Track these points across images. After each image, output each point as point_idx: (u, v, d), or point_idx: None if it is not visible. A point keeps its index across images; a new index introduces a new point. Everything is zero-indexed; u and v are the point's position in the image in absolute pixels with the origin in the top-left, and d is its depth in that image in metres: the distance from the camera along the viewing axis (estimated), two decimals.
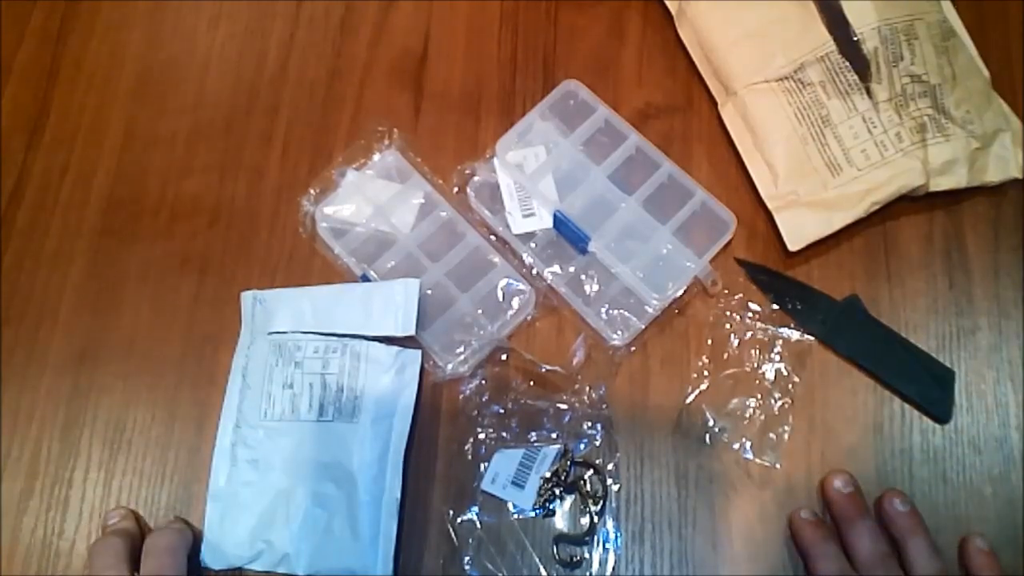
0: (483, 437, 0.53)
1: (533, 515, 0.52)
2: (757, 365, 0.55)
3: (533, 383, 0.55)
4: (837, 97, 0.57)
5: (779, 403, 0.54)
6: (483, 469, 0.53)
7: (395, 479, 0.52)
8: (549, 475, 0.52)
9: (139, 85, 0.65)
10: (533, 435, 0.53)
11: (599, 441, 0.53)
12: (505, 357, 0.55)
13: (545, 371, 0.54)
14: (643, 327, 0.55)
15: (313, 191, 0.59)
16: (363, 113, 0.63)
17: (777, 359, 0.55)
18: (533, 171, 0.59)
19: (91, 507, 0.54)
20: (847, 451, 0.53)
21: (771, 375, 0.54)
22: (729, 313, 0.56)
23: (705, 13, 0.60)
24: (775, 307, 0.56)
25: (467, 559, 0.51)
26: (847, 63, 0.57)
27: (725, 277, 0.57)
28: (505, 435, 0.53)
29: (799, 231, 0.57)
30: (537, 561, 0.51)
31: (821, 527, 0.50)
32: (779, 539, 0.52)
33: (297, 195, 0.59)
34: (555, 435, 0.53)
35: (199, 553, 0.51)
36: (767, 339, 0.55)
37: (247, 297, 0.57)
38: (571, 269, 0.57)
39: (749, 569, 0.51)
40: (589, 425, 0.54)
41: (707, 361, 0.55)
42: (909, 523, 0.50)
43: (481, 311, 0.56)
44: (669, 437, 0.54)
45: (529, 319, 0.56)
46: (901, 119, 0.56)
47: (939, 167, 0.56)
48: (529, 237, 0.58)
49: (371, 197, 0.59)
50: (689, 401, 0.54)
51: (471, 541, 0.51)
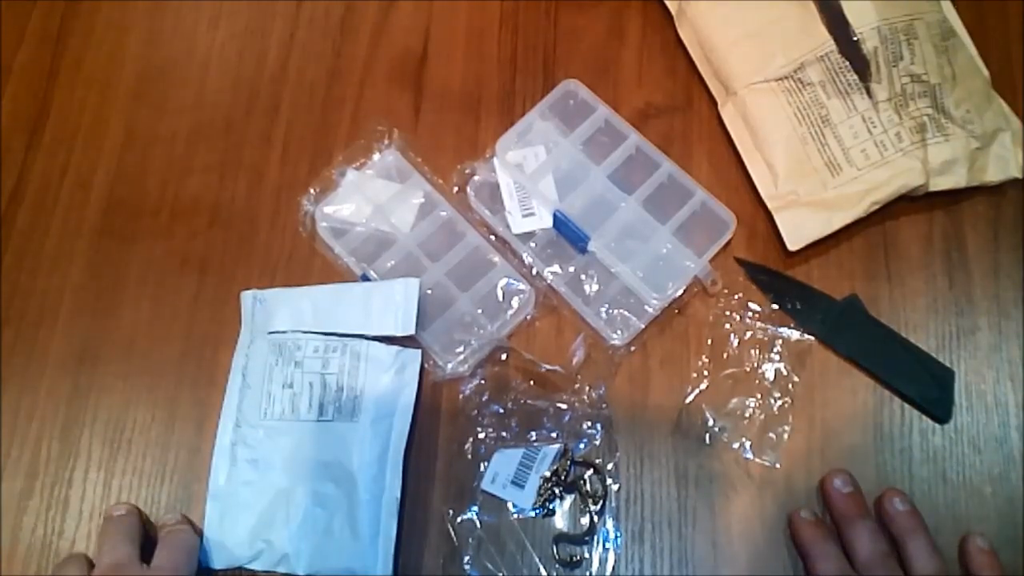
0: (483, 437, 0.53)
1: (533, 515, 0.52)
2: (757, 365, 0.55)
3: (533, 383, 0.55)
4: (837, 97, 0.57)
5: (779, 403, 0.54)
6: (483, 469, 0.53)
7: (395, 478, 0.52)
8: (549, 475, 0.52)
9: (139, 85, 0.65)
10: (533, 435, 0.53)
11: (599, 441, 0.53)
12: (505, 357, 0.55)
13: (545, 371, 0.54)
14: (643, 327, 0.55)
15: (313, 191, 0.59)
16: (363, 113, 0.63)
17: (777, 359, 0.55)
18: (533, 171, 0.59)
19: (91, 507, 0.54)
20: (847, 451, 0.53)
21: (771, 375, 0.54)
22: (729, 313, 0.56)
23: (705, 13, 0.60)
24: (775, 307, 0.56)
25: (467, 559, 0.51)
26: (847, 63, 0.57)
27: (725, 277, 0.57)
28: (505, 435, 0.53)
29: (799, 231, 0.57)
30: (537, 561, 0.51)
31: (821, 527, 0.50)
32: (779, 539, 0.52)
33: (297, 195, 0.59)
34: (555, 435, 0.53)
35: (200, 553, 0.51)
36: (767, 339, 0.55)
37: (247, 297, 0.57)
38: (571, 269, 0.57)
39: (749, 569, 0.51)
40: (589, 425, 0.54)
41: (707, 361, 0.55)
42: (909, 522, 0.50)
43: (481, 311, 0.56)
44: (669, 437, 0.54)
45: (529, 319, 0.56)
46: (901, 119, 0.56)
47: (939, 167, 0.56)
48: (529, 237, 0.58)
49: (371, 197, 0.59)
50: (689, 401, 0.54)
51: (471, 541, 0.51)
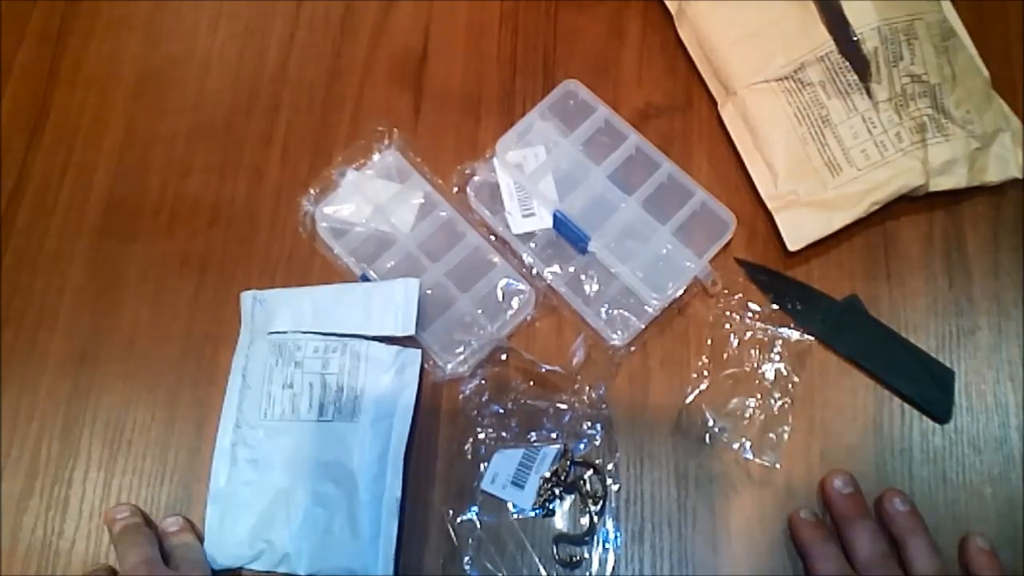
0: (483, 437, 0.53)
1: (533, 515, 0.52)
2: (757, 365, 0.55)
3: (533, 383, 0.55)
4: (837, 97, 0.57)
5: (779, 403, 0.54)
6: (483, 469, 0.53)
7: (395, 478, 0.52)
8: (549, 475, 0.52)
9: (139, 85, 0.65)
10: (533, 435, 0.53)
11: (599, 441, 0.53)
12: (505, 357, 0.55)
13: (545, 371, 0.54)
14: (643, 327, 0.55)
15: (313, 191, 0.59)
16: (363, 113, 0.63)
17: (777, 359, 0.55)
18: (533, 171, 0.59)
19: (91, 507, 0.54)
20: (847, 451, 0.53)
21: (771, 375, 0.54)
22: (729, 313, 0.56)
23: (705, 13, 0.60)
24: (775, 307, 0.56)
25: (467, 559, 0.51)
26: (847, 63, 0.57)
27: (725, 277, 0.57)
28: (505, 435, 0.53)
29: (799, 231, 0.57)
30: (537, 561, 0.51)
31: (821, 527, 0.50)
32: (779, 539, 0.52)
33: (297, 195, 0.59)
34: (555, 435, 0.53)
35: None
36: (767, 339, 0.55)
37: (247, 297, 0.57)
38: (571, 269, 0.57)
39: (749, 569, 0.51)
40: (589, 425, 0.54)
41: (707, 361, 0.55)
42: (909, 523, 0.50)
43: (481, 311, 0.56)
44: (669, 437, 0.54)
45: (529, 319, 0.56)
46: (901, 119, 0.56)
47: (939, 167, 0.56)
48: (529, 237, 0.58)
49: (371, 197, 0.59)
50: (689, 401, 0.54)
51: (471, 541, 0.51)
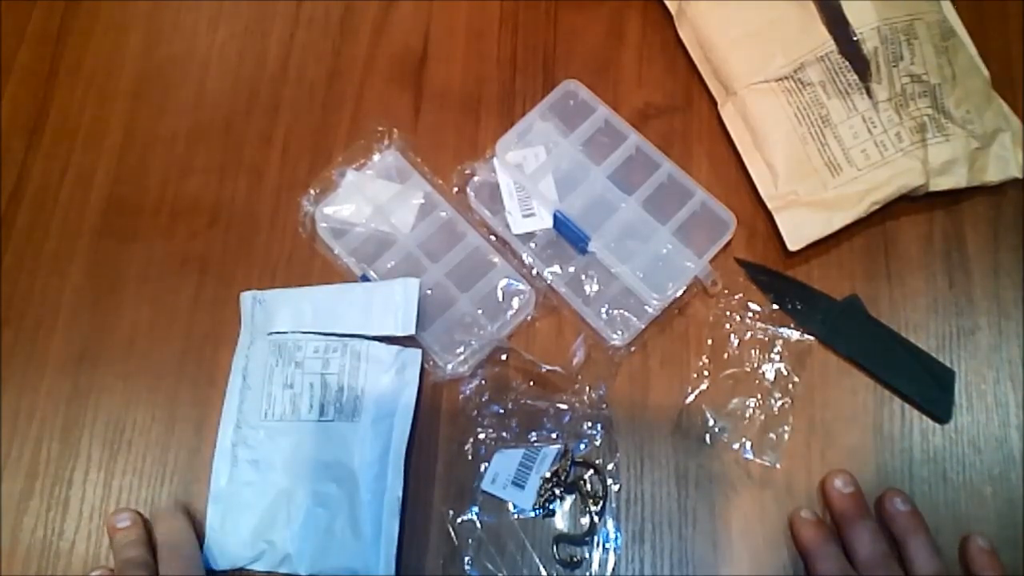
0: (483, 437, 0.53)
1: (533, 515, 0.52)
2: (757, 365, 0.55)
3: (533, 383, 0.55)
4: (837, 97, 0.57)
5: (779, 403, 0.54)
6: (483, 469, 0.53)
7: (396, 478, 0.52)
8: (549, 475, 0.52)
9: (139, 85, 0.65)
10: (533, 435, 0.53)
11: (599, 441, 0.53)
12: (505, 357, 0.55)
13: (545, 371, 0.54)
14: (643, 327, 0.55)
15: (313, 191, 0.59)
16: (363, 113, 0.63)
17: (777, 359, 0.55)
18: (533, 171, 0.59)
19: (91, 507, 0.54)
20: (847, 451, 0.53)
21: (771, 375, 0.54)
22: (729, 313, 0.56)
23: (705, 13, 0.60)
24: (775, 307, 0.56)
25: (467, 559, 0.51)
26: (847, 63, 0.57)
27: (725, 277, 0.57)
28: (505, 435, 0.53)
29: (799, 231, 0.57)
30: (537, 561, 0.51)
31: (821, 527, 0.50)
32: (779, 539, 0.52)
33: (297, 195, 0.59)
34: (555, 435, 0.53)
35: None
36: (767, 339, 0.55)
37: (247, 298, 0.57)
38: (571, 269, 0.57)
39: (749, 569, 0.51)
40: (589, 425, 0.54)
41: (707, 361, 0.55)
42: (910, 522, 0.50)
43: (481, 311, 0.56)
44: (669, 437, 0.54)
45: (529, 319, 0.56)
46: (901, 119, 0.56)
47: (939, 167, 0.56)
48: (529, 237, 0.58)
49: (371, 197, 0.59)
50: (689, 401, 0.54)
51: (471, 541, 0.51)
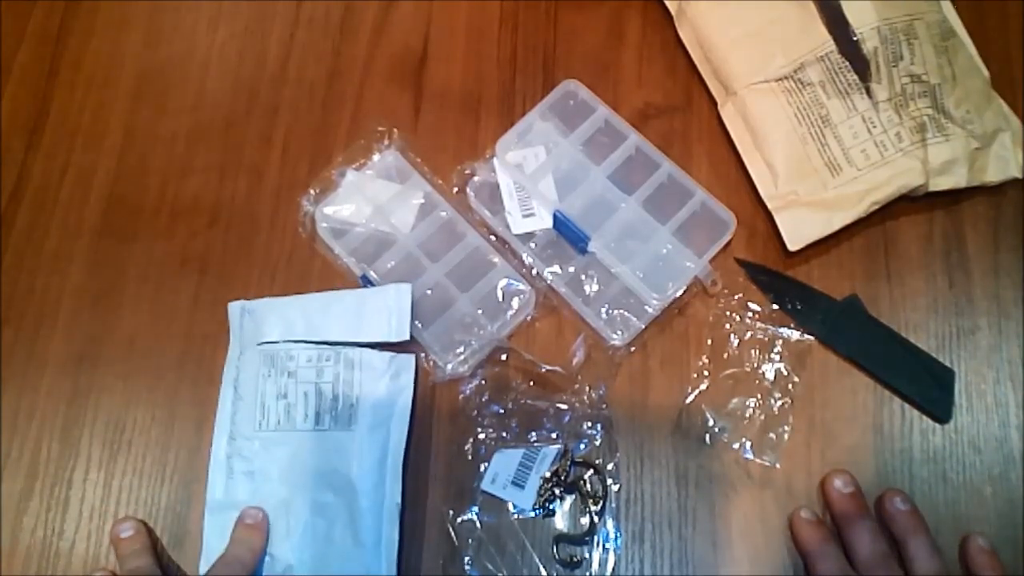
0: (483, 437, 0.53)
1: (533, 515, 0.52)
2: (757, 365, 0.55)
3: (533, 383, 0.55)
4: (837, 97, 0.57)
5: (779, 403, 0.54)
6: (483, 469, 0.53)
7: (395, 485, 0.51)
8: (549, 475, 0.52)
9: (139, 85, 0.65)
10: (533, 435, 0.53)
11: (599, 441, 0.53)
12: (505, 357, 0.55)
13: (545, 371, 0.54)
14: (643, 327, 0.55)
15: (313, 191, 0.59)
16: (363, 113, 0.63)
17: (777, 359, 0.55)
18: (533, 171, 0.59)
19: (91, 507, 0.54)
20: (847, 451, 0.53)
21: (771, 375, 0.54)
22: (729, 313, 0.56)
23: (705, 13, 0.60)
24: (775, 307, 0.56)
25: (467, 559, 0.51)
26: (847, 63, 0.57)
27: (725, 277, 0.57)
28: (505, 435, 0.53)
29: (799, 231, 0.57)
30: (537, 561, 0.51)
31: (821, 527, 0.50)
32: (779, 539, 0.52)
33: (297, 195, 0.59)
34: (555, 435, 0.53)
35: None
36: (767, 339, 0.55)
37: (234, 308, 0.56)
38: (571, 269, 0.57)
39: (749, 569, 0.51)
40: (589, 425, 0.54)
41: (707, 361, 0.55)
42: (910, 522, 0.50)
43: (481, 311, 0.56)
44: (669, 437, 0.54)
45: (529, 319, 0.56)
46: (901, 119, 0.56)
47: (939, 167, 0.56)
48: (529, 237, 0.58)
49: (371, 197, 0.59)
50: (689, 401, 0.54)
51: (471, 541, 0.51)
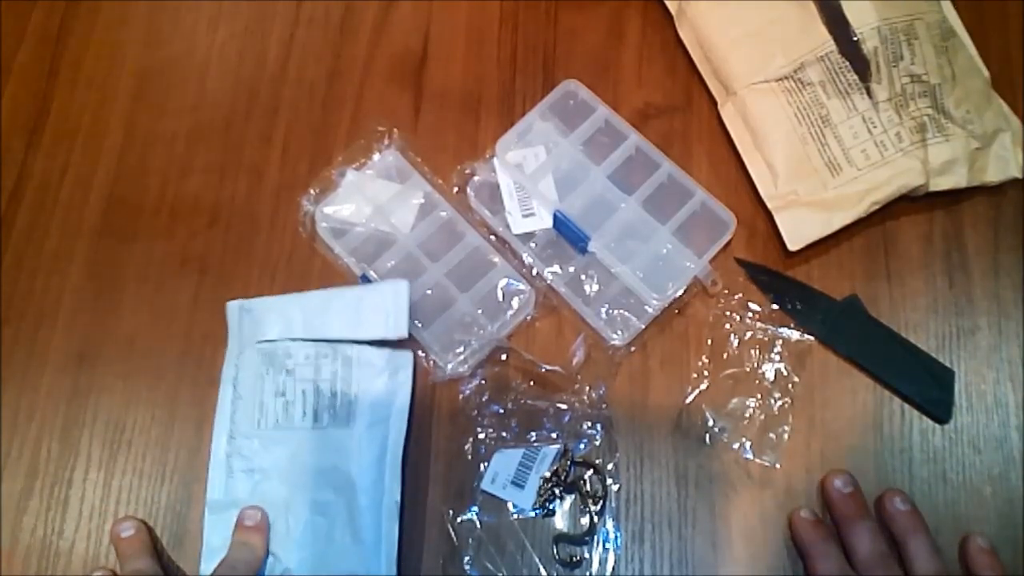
0: (483, 437, 0.53)
1: (533, 515, 0.52)
2: (757, 365, 0.55)
3: (533, 383, 0.55)
4: (837, 97, 0.57)
5: (779, 403, 0.54)
6: (483, 469, 0.53)
7: (394, 482, 0.51)
8: (549, 475, 0.52)
9: (139, 85, 0.65)
10: (533, 435, 0.53)
11: (599, 441, 0.53)
12: (505, 357, 0.55)
13: (545, 371, 0.54)
14: (643, 327, 0.55)
15: (313, 191, 0.59)
16: (363, 113, 0.63)
17: (777, 359, 0.55)
18: (533, 171, 0.59)
19: (91, 507, 0.54)
20: (847, 451, 0.53)
21: (771, 375, 0.54)
22: (729, 313, 0.56)
23: (705, 13, 0.60)
24: (775, 307, 0.56)
25: (467, 559, 0.51)
26: (847, 63, 0.57)
27: (725, 277, 0.57)
28: (505, 435, 0.53)
29: (799, 231, 0.57)
30: (537, 561, 0.51)
31: (821, 527, 0.50)
32: (779, 539, 0.52)
33: (297, 195, 0.59)
34: (555, 435, 0.53)
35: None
36: (767, 339, 0.55)
37: (232, 307, 0.56)
38: (571, 269, 0.57)
39: (749, 569, 0.51)
40: (589, 425, 0.54)
41: (707, 361, 0.55)
42: (909, 522, 0.50)
43: (481, 311, 0.56)
44: (669, 437, 0.54)
45: (529, 319, 0.56)
46: (901, 119, 0.56)
47: (939, 167, 0.56)
48: (529, 237, 0.58)
49: (371, 197, 0.59)
50: (689, 401, 0.54)
51: (471, 541, 0.51)
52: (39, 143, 0.63)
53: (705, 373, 0.55)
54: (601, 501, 0.52)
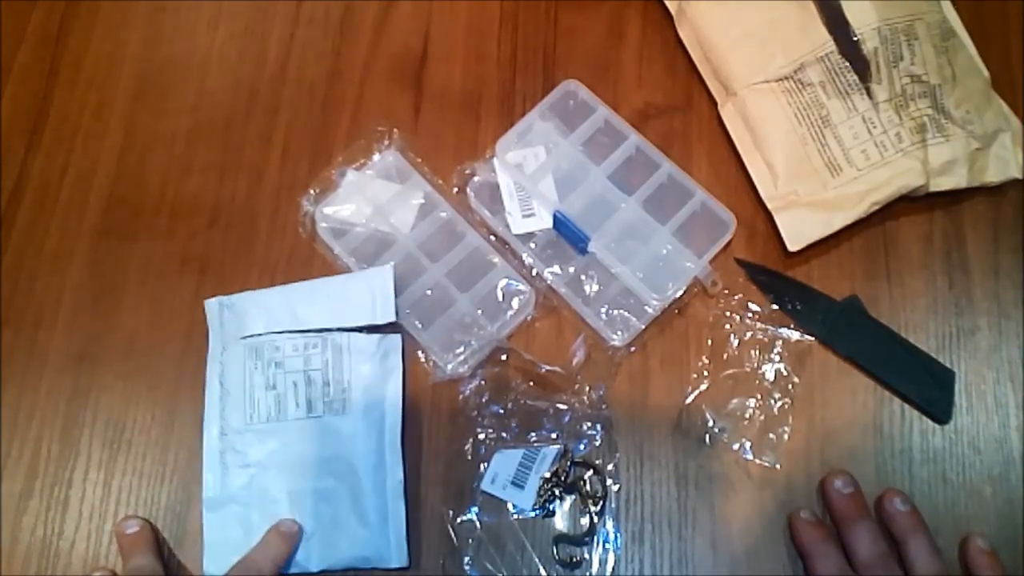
0: (483, 437, 0.53)
1: (533, 515, 0.52)
2: (757, 365, 0.55)
3: (533, 383, 0.55)
4: (837, 97, 0.57)
5: (779, 403, 0.54)
6: (483, 469, 0.53)
7: (395, 463, 0.52)
8: (549, 475, 0.52)
9: (139, 85, 0.65)
10: (533, 435, 0.53)
11: (599, 441, 0.53)
12: (505, 357, 0.55)
13: (545, 371, 0.54)
14: (643, 327, 0.55)
15: (313, 191, 0.59)
16: (363, 113, 0.63)
17: (777, 359, 0.55)
18: (533, 171, 0.59)
19: (91, 507, 0.54)
20: (847, 451, 0.53)
21: (771, 375, 0.54)
22: (729, 313, 0.56)
23: (705, 13, 0.60)
24: (775, 307, 0.56)
25: (467, 559, 0.51)
26: (847, 63, 0.57)
27: (725, 277, 0.57)
28: (505, 435, 0.53)
29: (799, 231, 0.57)
30: (537, 561, 0.51)
31: (821, 527, 0.50)
32: (779, 539, 0.52)
33: (297, 195, 0.59)
34: (555, 435, 0.53)
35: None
36: (767, 339, 0.55)
37: (212, 305, 0.56)
38: (571, 269, 0.57)
39: (749, 569, 0.51)
40: (589, 425, 0.54)
41: (707, 361, 0.55)
42: (909, 523, 0.50)
43: (481, 311, 0.56)
44: (669, 437, 0.54)
45: (529, 319, 0.56)
46: (901, 119, 0.56)
47: (939, 167, 0.56)
48: (529, 237, 0.58)
49: (371, 197, 0.59)
50: (689, 401, 0.54)
51: (471, 541, 0.51)
52: (39, 143, 0.63)
53: (705, 373, 0.55)
54: (601, 501, 0.52)
